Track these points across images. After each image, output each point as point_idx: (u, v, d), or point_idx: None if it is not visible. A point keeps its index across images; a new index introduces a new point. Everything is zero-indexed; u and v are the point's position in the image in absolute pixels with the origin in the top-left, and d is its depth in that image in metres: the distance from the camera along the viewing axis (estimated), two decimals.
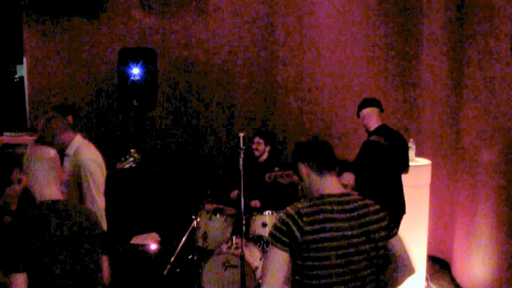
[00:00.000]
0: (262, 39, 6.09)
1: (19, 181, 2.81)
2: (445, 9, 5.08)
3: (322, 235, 2.06)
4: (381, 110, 4.30)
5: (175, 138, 6.43)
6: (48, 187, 2.45)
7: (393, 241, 2.18)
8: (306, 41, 5.95)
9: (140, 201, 5.65)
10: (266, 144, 5.16)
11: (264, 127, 6.10)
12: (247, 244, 4.33)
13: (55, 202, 2.45)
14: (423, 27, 5.32)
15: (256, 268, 4.18)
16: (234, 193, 5.12)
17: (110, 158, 6.23)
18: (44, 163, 2.46)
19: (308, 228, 2.06)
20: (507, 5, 3.99)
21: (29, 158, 2.46)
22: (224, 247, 4.29)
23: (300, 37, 5.97)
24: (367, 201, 2.21)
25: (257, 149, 5.13)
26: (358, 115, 4.34)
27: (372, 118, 4.24)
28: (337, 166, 2.27)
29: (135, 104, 5.62)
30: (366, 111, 4.26)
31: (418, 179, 4.42)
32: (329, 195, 2.17)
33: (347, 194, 2.21)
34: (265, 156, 5.17)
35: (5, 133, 5.77)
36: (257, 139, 5.18)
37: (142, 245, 4.84)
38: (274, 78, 6.12)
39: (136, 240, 4.95)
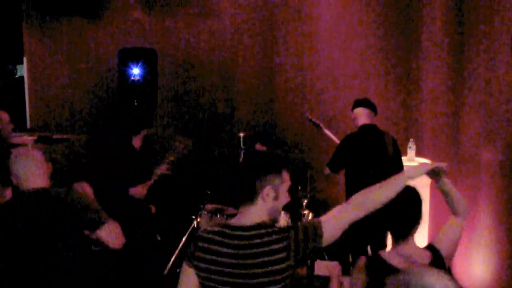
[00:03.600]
0: (262, 39, 6.09)
1: None
2: (445, 9, 5.08)
3: (205, 265, 2.01)
4: (373, 111, 4.40)
5: (175, 138, 6.42)
6: (33, 180, 2.63)
7: None
8: (306, 41, 5.94)
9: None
10: (268, 149, 5.17)
11: (264, 127, 6.09)
12: None
13: (36, 190, 2.62)
14: (423, 27, 5.32)
15: None
16: None
17: (109, 157, 6.23)
18: (28, 160, 2.66)
19: (196, 253, 2.03)
20: (508, 5, 4.00)
21: (14, 159, 2.68)
22: None
23: (300, 37, 5.97)
24: (270, 230, 2.01)
25: None
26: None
27: (360, 118, 4.36)
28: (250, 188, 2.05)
29: (135, 104, 5.62)
30: (356, 111, 4.39)
31: (418, 179, 4.41)
32: (231, 226, 2.05)
33: (251, 228, 2.01)
34: None
35: None
36: (259, 147, 5.16)
37: None
38: (275, 78, 6.12)
39: None
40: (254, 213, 2.05)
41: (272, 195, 2.05)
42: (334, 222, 2.06)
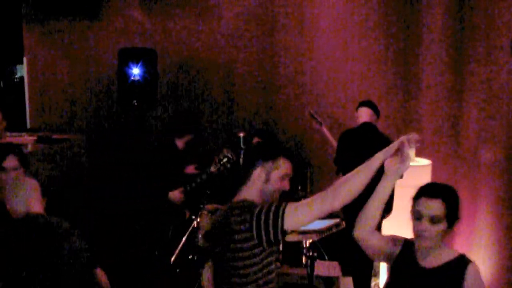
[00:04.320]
0: (262, 39, 6.09)
1: (14, 169, 2.95)
2: (445, 9, 5.08)
3: None
4: (376, 113, 4.52)
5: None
6: (33, 207, 2.57)
7: None
8: (306, 41, 5.94)
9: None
10: None
11: (265, 127, 6.09)
12: None
13: (37, 216, 2.52)
14: (423, 27, 5.32)
15: None
16: None
17: (110, 157, 6.24)
18: (25, 187, 2.62)
19: None
20: (507, 5, 4.00)
21: (10, 185, 2.65)
22: None
23: (300, 37, 5.97)
24: (241, 204, 2.17)
25: None
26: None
27: (361, 117, 4.49)
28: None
29: (135, 104, 5.62)
30: (359, 110, 4.55)
31: (418, 179, 4.41)
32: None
33: (234, 203, 2.20)
34: None
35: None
36: (256, 140, 5.16)
37: None
38: (275, 78, 6.12)
39: None
40: (244, 192, 2.21)
41: (263, 177, 2.18)
42: (296, 215, 2.06)
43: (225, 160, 4.29)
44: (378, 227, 4.33)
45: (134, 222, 4.93)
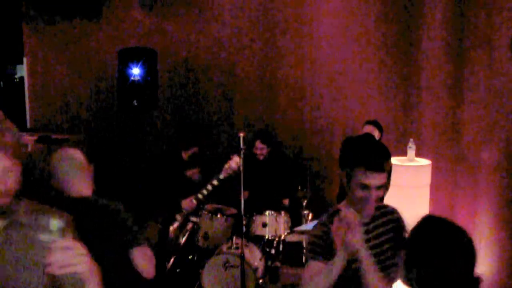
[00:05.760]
0: (263, 40, 6.09)
1: None
2: (445, 9, 5.08)
3: None
4: (380, 131, 4.71)
5: (175, 138, 6.42)
6: (78, 184, 2.56)
7: None
8: (306, 42, 5.94)
9: (140, 200, 5.64)
10: (268, 147, 5.25)
11: (265, 127, 6.09)
12: (247, 244, 4.34)
13: (83, 198, 2.56)
14: (423, 27, 5.32)
15: (256, 268, 4.18)
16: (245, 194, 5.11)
17: (110, 158, 6.24)
18: (73, 162, 2.56)
19: None
20: (507, 5, 4.01)
21: (58, 158, 2.56)
22: (224, 247, 4.30)
23: (300, 38, 5.97)
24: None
25: (261, 154, 5.24)
26: None
27: (364, 131, 4.64)
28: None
29: (135, 104, 5.62)
30: (365, 127, 4.73)
31: (418, 179, 4.42)
32: None
33: None
34: (265, 156, 5.25)
35: None
36: (260, 145, 5.24)
37: None
38: (275, 79, 6.12)
39: None
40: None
41: (346, 185, 2.11)
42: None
43: (233, 165, 4.39)
44: None
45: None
